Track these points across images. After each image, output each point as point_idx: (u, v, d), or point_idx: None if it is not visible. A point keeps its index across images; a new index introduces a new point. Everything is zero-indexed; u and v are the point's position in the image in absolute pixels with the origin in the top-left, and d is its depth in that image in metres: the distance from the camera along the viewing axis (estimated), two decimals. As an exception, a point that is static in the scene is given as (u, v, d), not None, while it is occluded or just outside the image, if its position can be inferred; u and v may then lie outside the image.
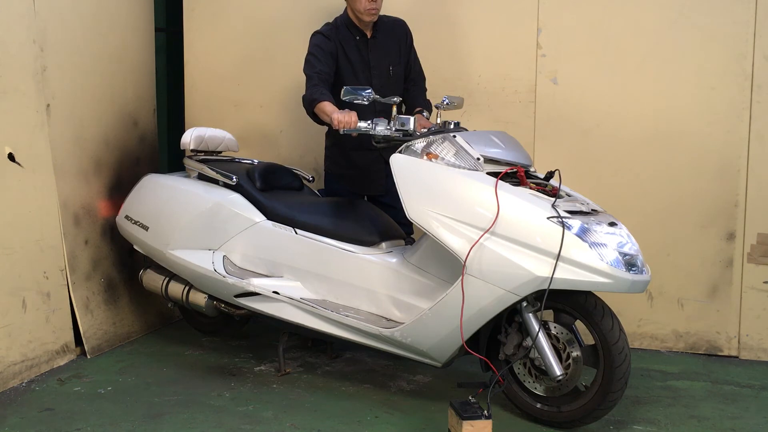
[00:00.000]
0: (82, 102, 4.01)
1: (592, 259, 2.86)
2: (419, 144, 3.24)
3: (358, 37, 3.83)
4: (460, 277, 3.00)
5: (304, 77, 4.55)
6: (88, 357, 3.86)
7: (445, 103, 3.42)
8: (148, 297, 4.32)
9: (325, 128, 3.98)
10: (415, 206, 3.14)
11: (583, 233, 2.90)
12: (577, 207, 3.05)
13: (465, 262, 2.98)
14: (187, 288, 3.85)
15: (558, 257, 2.86)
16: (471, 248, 2.98)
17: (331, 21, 3.89)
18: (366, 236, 3.49)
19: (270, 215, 3.65)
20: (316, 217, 3.58)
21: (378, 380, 3.64)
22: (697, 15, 3.97)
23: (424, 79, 4.03)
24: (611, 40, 4.08)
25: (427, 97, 3.98)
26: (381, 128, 3.31)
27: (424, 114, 3.79)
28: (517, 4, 4.18)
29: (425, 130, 3.35)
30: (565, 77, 4.15)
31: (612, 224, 3.04)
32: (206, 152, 4.09)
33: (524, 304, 3.04)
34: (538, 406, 3.14)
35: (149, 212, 3.89)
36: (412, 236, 3.74)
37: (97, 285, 4.05)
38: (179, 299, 3.90)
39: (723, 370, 3.87)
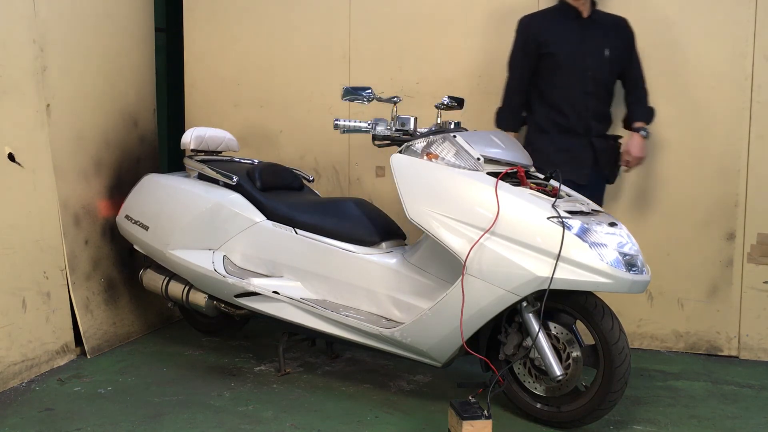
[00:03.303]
0: (82, 102, 4.01)
1: (592, 259, 2.86)
2: (419, 144, 3.24)
3: (573, 16, 3.79)
4: (460, 277, 3.00)
5: (303, 78, 4.59)
6: (88, 357, 3.86)
7: (445, 103, 3.43)
8: (148, 297, 4.32)
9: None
10: (415, 206, 3.14)
11: (583, 233, 2.90)
12: (577, 207, 3.05)
13: (465, 262, 2.98)
14: (187, 288, 3.86)
15: (558, 257, 2.86)
16: (471, 248, 2.98)
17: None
18: (366, 236, 3.49)
19: (270, 215, 3.66)
20: (316, 217, 3.58)
21: (378, 380, 3.65)
22: (697, 15, 3.97)
23: (645, 82, 3.89)
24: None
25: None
26: (381, 128, 3.32)
27: (642, 133, 3.76)
28: (517, 4, 4.18)
29: (425, 129, 3.35)
30: (565, 77, 4.14)
31: (612, 224, 3.04)
32: (206, 152, 4.10)
33: (524, 304, 3.03)
34: (538, 406, 3.14)
35: (149, 212, 3.89)
36: None
37: (97, 285, 4.05)
38: (179, 299, 3.90)
39: (723, 370, 3.87)
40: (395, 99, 3.38)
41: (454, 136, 3.19)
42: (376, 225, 3.55)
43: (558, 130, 3.74)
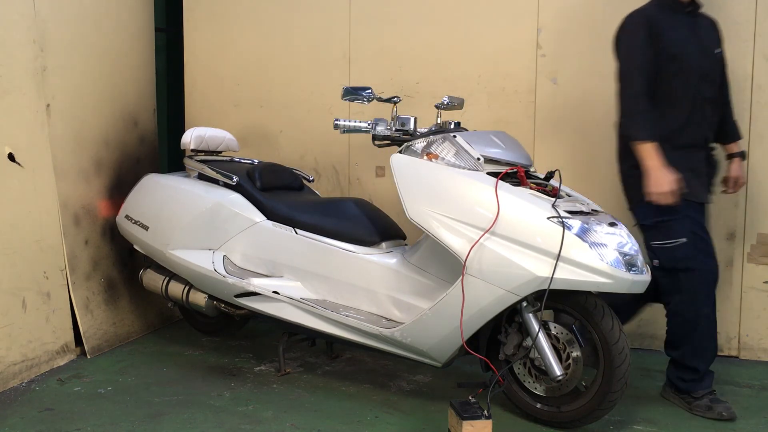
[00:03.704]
0: (82, 102, 4.01)
1: (592, 259, 2.86)
2: (419, 144, 3.25)
3: (682, 10, 3.34)
4: (460, 277, 3.00)
5: (303, 78, 4.57)
6: (88, 357, 3.86)
7: (445, 103, 3.43)
8: (148, 297, 4.32)
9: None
10: (415, 206, 3.14)
11: (583, 233, 2.90)
12: (577, 207, 3.05)
13: (465, 262, 2.98)
14: (187, 288, 3.86)
15: (558, 257, 2.86)
16: (471, 248, 2.98)
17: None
18: (366, 236, 3.49)
19: (270, 215, 3.66)
20: (316, 217, 3.58)
21: (378, 380, 3.65)
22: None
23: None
24: (611, 40, 4.07)
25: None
26: (381, 128, 3.32)
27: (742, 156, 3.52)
28: (517, 4, 4.18)
29: (425, 129, 3.35)
30: (565, 77, 4.15)
31: (612, 224, 3.04)
32: (206, 152, 4.10)
33: (524, 304, 3.03)
34: (538, 406, 3.14)
35: (149, 212, 3.90)
36: None
37: (97, 285, 4.05)
38: (179, 299, 3.90)
39: (723, 370, 3.86)
40: (395, 99, 3.38)
41: (454, 136, 3.19)
42: (376, 225, 3.55)
43: (679, 145, 3.27)
